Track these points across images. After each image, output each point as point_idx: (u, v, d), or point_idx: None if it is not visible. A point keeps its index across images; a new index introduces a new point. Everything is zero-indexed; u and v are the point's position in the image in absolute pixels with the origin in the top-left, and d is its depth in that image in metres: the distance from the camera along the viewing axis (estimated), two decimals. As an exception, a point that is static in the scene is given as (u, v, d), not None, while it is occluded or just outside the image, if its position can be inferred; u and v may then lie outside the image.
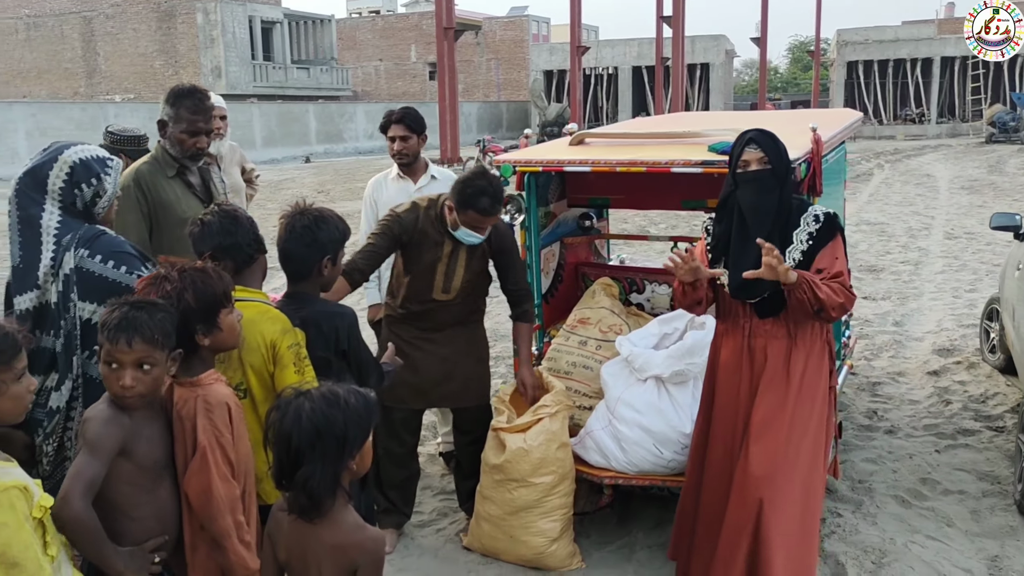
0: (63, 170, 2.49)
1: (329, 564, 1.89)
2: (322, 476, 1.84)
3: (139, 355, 2.03)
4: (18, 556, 1.77)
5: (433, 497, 4.21)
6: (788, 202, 2.99)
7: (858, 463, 4.45)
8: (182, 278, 2.23)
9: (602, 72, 44.38)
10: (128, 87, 42.36)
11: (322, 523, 1.90)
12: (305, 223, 2.62)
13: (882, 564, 3.50)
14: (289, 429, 1.85)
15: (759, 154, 2.93)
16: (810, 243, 2.96)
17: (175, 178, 3.42)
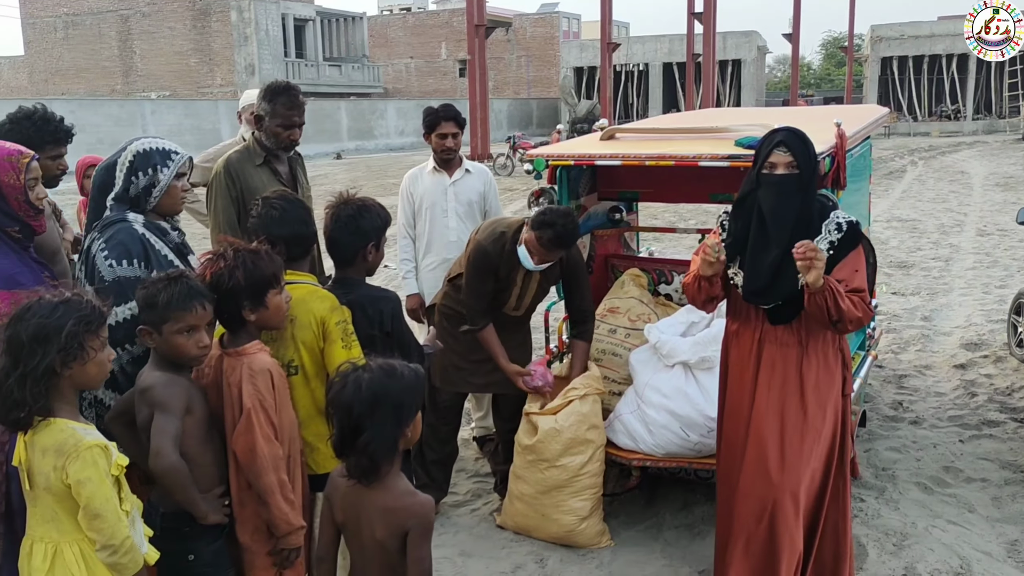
0: (127, 157, 2.62)
1: (382, 526, 2.04)
2: (381, 441, 2.00)
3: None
4: (100, 508, 1.96)
5: (468, 479, 4.37)
6: (811, 207, 2.87)
7: (882, 451, 4.55)
8: (235, 258, 2.42)
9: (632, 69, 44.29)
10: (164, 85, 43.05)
11: (376, 487, 2.05)
12: (350, 212, 2.79)
13: (903, 546, 3.60)
14: (350, 399, 2.00)
15: (788, 158, 2.81)
16: (831, 252, 2.82)
17: (263, 166, 3.68)
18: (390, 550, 2.04)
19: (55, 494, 1.99)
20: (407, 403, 2.04)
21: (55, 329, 1.96)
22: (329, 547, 2.20)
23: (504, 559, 3.60)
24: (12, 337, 1.98)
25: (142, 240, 2.57)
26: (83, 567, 2.00)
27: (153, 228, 2.63)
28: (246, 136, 4.98)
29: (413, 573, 2.03)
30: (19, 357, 1.97)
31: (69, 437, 1.98)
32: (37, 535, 2.04)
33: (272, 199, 2.77)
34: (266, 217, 2.72)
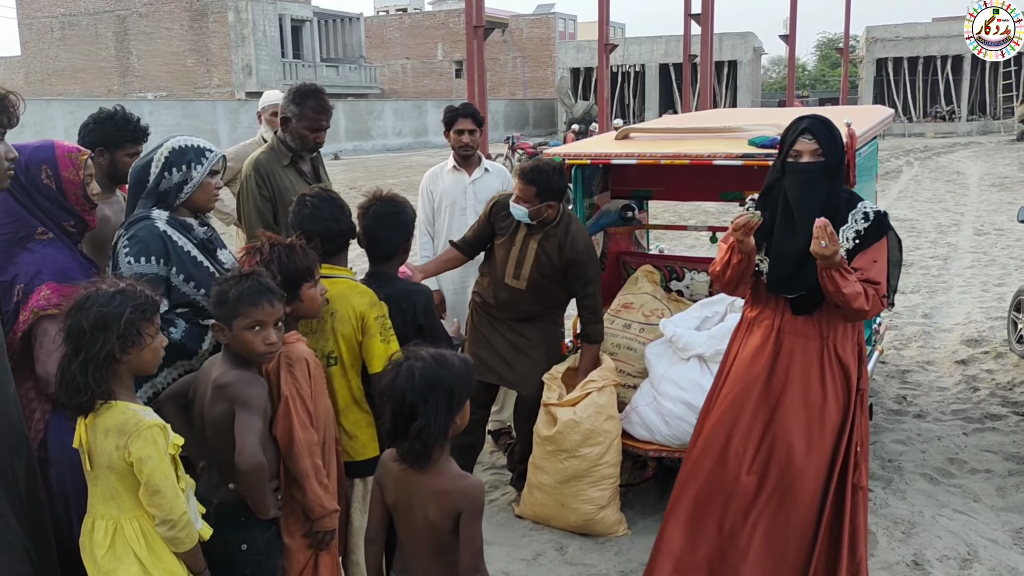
0: (163, 154, 2.67)
1: (435, 508, 2.13)
2: (435, 427, 2.08)
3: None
4: (160, 484, 2.08)
5: (484, 471, 4.47)
6: (837, 196, 2.86)
7: (888, 444, 4.66)
8: (271, 252, 2.52)
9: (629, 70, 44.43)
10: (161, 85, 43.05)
11: (428, 471, 2.14)
12: (392, 209, 2.90)
13: (911, 534, 3.71)
14: (404, 386, 2.09)
15: (813, 145, 2.80)
16: (856, 242, 2.82)
17: (289, 167, 3.76)
18: (442, 531, 2.13)
19: (117, 472, 2.10)
20: (457, 390, 2.13)
21: (114, 317, 2.06)
22: (379, 529, 2.29)
23: (525, 547, 3.70)
24: (73, 326, 2.08)
25: (163, 237, 2.61)
26: (143, 542, 2.11)
27: (177, 225, 2.68)
28: (266, 136, 5.09)
29: (465, 552, 2.12)
30: (80, 344, 2.06)
31: (131, 418, 2.09)
32: (99, 513, 2.14)
33: (307, 196, 2.87)
34: (300, 214, 2.82)
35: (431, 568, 2.19)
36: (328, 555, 2.61)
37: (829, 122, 2.86)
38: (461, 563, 2.14)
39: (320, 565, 2.57)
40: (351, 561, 2.79)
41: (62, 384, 2.10)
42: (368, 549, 2.34)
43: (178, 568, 2.16)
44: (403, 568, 2.27)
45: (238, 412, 2.28)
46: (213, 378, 2.34)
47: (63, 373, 2.09)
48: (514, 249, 3.81)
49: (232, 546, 2.36)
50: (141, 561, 2.10)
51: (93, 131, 3.13)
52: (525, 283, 3.81)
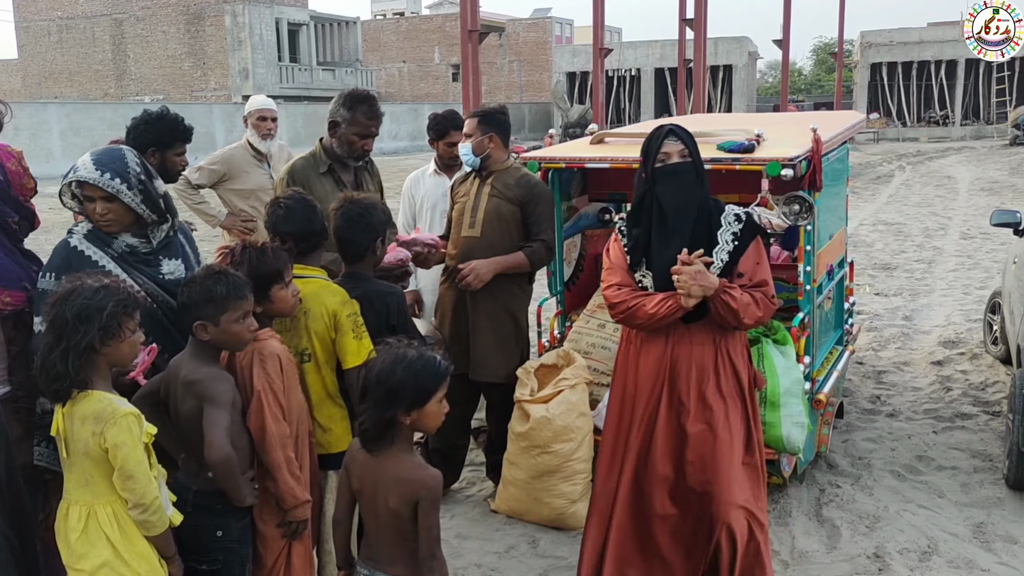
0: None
1: (395, 495, 2.25)
2: (376, 416, 2.23)
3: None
4: (133, 470, 2.18)
5: (464, 468, 4.56)
6: (708, 199, 2.91)
7: (859, 442, 4.76)
8: (242, 254, 2.62)
9: (624, 74, 44.61)
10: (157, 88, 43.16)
11: (388, 459, 2.26)
12: (359, 211, 2.99)
13: (875, 528, 3.82)
14: (366, 375, 2.25)
15: (679, 146, 2.86)
16: (735, 243, 2.87)
17: (326, 174, 3.67)
18: (403, 518, 2.25)
19: (92, 458, 2.20)
20: (403, 391, 2.23)
21: (97, 310, 2.17)
22: (345, 511, 2.41)
23: (498, 540, 3.80)
24: (57, 316, 2.18)
25: (71, 254, 2.61)
26: (115, 526, 2.21)
27: (95, 238, 2.65)
28: (252, 140, 5.21)
29: (423, 540, 2.24)
30: (63, 334, 2.16)
31: (107, 406, 2.19)
32: (73, 499, 2.24)
33: (280, 198, 2.97)
34: (274, 215, 2.92)
35: (394, 553, 2.30)
36: (301, 543, 2.71)
37: (687, 130, 2.95)
38: (420, 550, 2.25)
39: (293, 553, 2.67)
40: (324, 550, 2.88)
41: (42, 370, 2.20)
42: (336, 530, 2.45)
43: (149, 552, 2.25)
44: (369, 554, 2.37)
45: (206, 408, 2.38)
46: (182, 376, 2.44)
47: (43, 360, 2.19)
48: (468, 201, 3.93)
49: (207, 532, 2.46)
50: (113, 544, 2.20)
51: (144, 132, 3.31)
52: (479, 229, 3.87)
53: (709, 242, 2.88)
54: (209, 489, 2.46)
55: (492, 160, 3.94)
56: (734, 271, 2.88)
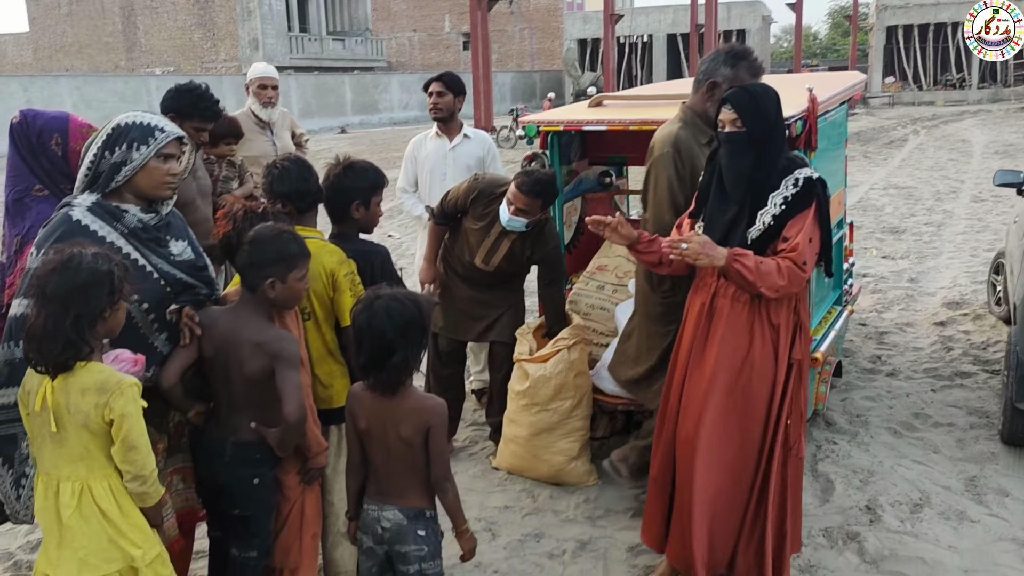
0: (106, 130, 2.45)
1: (407, 425, 2.37)
2: (411, 360, 2.36)
3: None
4: (136, 440, 2.18)
5: (467, 428, 4.67)
6: (768, 164, 2.86)
7: (857, 400, 4.82)
8: (243, 219, 2.68)
9: (636, 40, 44.17)
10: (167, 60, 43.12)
11: (399, 395, 2.39)
12: (336, 172, 3.07)
13: (868, 482, 3.89)
14: (382, 325, 2.32)
15: (732, 115, 2.86)
16: (783, 207, 2.83)
17: (706, 146, 3.31)
18: (414, 447, 2.38)
19: (92, 431, 2.16)
20: (427, 328, 2.39)
21: (105, 275, 2.13)
22: (357, 454, 2.51)
23: (499, 495, 3.90)
24: (62, 284, 2.10)
25: (78, 230, 2.36)
26: (112, 500, 2.19)
27: (102, 212, 2.41)
28: (254, 108, 5.26)
29: (436, 463, 2.39)
30: (70, 303, 2.10)
31: (110, 376, 2.17)
32: (63, 475, 2.18)
33: (276, 161, 3.03)
34: (269, 176, 2.98)
35: (404, 485, 2.43)
36: (313, 493, 2.83)
37: (754, 93, 2.90)
38: (433, 474, 2.40)
39: (307, 503, 2.79)
40: (327, 501, 2.98)
41: (45, 342, 2.11)
42: (350, 476, 2.56)
43: (144, 523, 2.25)
44: (377, 491, 2.48)
45: (281, 368, 2.45)
46: (248, 336, 2.47)
47: (48, 331, 2.10)
48: (487, 240, 3.98)
49: (245, 481, 2.55)
50: (109, 518, 2.18)
51: (171, 98, 3.48)
52: (493, 269, 4.03)
53: (757, 204, 2.87)
54: (247, 440, 2.53)
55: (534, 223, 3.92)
56: (779, 235, 2.84)
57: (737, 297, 2.90)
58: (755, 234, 2.87)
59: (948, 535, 3.45)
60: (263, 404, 2.51)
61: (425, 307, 2.39)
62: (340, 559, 2.97)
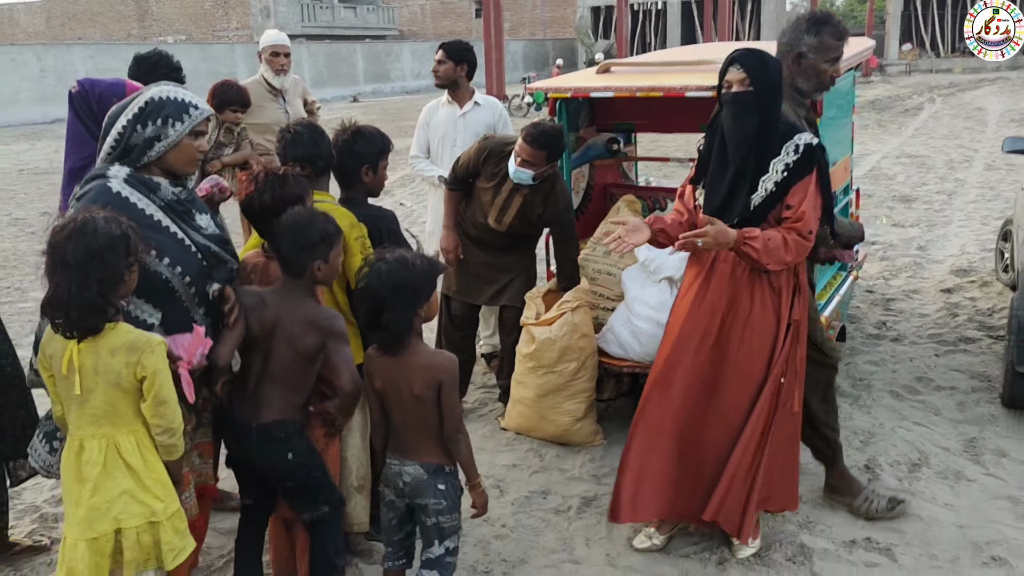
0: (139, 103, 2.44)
1: (419, 382, 2.46)
2: (401, 318, 2.42)
3: None
4: (167, 396, 2.27)
5: (476, 390, 4.77)
6: (772, 128, 2.87)
7: (861, 364, 4.89)
8: (265, 181, 2.76)
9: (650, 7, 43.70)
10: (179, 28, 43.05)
11: (406, 354, 2.47)
12: (345, 138, 3.13)
13: (868, 443, 3.97)
14: (374, 285, 2.40)
15: (741, 75, 2.85)
16: (785, 174, 2.85)
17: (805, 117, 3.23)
18: (427, 403, 2.47)
19: (123, 388, 2.24)
20: (420, 288, 2.45)
21: (120, 238, 2.18)
22: (379, 412, 2.61)
23: (507, 454, 4.01)
24: (79, 250, 2.14)
25: (118, 201, 2.37)
26: (138, 453, 2.28)
27: (138, 183, 2.43)
28: (267, 76, 5.33)
29: (448, 418, 2.48)
30: (90, 267, 2.14)
31: (139, 336, 2.25)
32: (87, 434, 2.26)
33: (289, 126, 3.12)
34: (283, 141, 3.06)
35: (419, 441, 2.52)
36: (334, 446, 2.94)
37: (763, 55, 2.90)
38: (445, 428, 2.49)
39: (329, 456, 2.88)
40: (341, 457, 3.08)
41: (71, 307, 2.15)
42: (375, 433, 2.67)
43: (166, 478, 2.34)
44: (396, 447, 2.59)
45: (334, 344, 2.55)
46: (303, 315, 2.56)
47: (73, 297, 2.15)
48: (499, 198, 4.06)
49: (279, 458, 2.60)
50: (135, 471, 2.26)
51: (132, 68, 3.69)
52: (505, 228, 4.10)
53: (760, 170, 2.89)
54: (269, 420, 2.56)
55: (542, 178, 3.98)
56: (782, 201, 2.88)
57: (738, 262, 2.96)
58: (757, 201, 2.90)
59: (945, 493, 3.53)
60: (298, 382, 2.60)
61: (422, 269, 2.45)
62: (353, 511, 3.08)
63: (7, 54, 25.82)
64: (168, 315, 2.42)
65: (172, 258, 2.40)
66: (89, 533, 2.25)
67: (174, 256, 2.41)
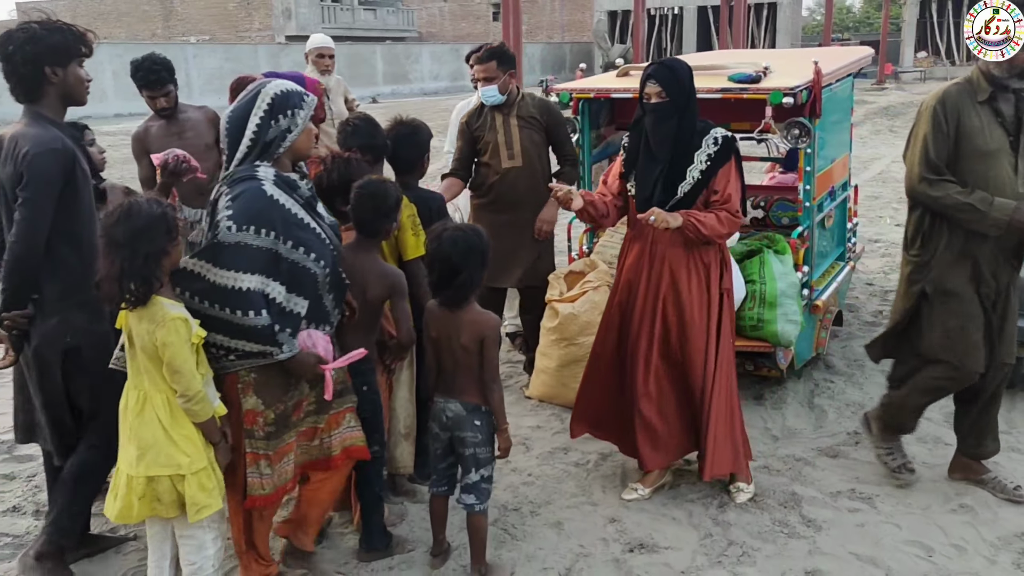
0: (264, 101, 2.65)
1: (467, 335, 2.91)
2: (474, 278, 2.91)
3: None
4: (179, 366, 2.51)
5: (503, 365, 5.19)
6: (690, 127, 3.34)
7: (856, 348, 5.30)
8: (332, 163, 3.23)
9: (667, 12, 44.10)
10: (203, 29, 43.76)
11: (462, 309, 2.94)
12: (409, 130, 3.61)
13: (859, 413, 4.37)
14: (449, 250, 2.86)
15: (657, 88, 3.31)
16: (708, 164, 3.33)
17: (984, 104, 3.27)
18: (471, 353, 2.93)
19: (148, 353, 2.54)
20: (487, 253, 2.94)
21: (160, 217, 2.49)
22: (432, 359, 3.07)
23: (532, 418, 4.46)
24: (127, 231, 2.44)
25: (272, 204, 2.58)
26: (167, 410, 2.57)
27: (283, 184, 2.65)
28: (312, 75, 5.79)
29: (487, 368, 2.94)
30: (137, 245, 2.44)
31: (159, 309, 2.52)
32: (133, 384, 2.62)
33: (349, 119, 3.61)
34: (344, 132, 3.54)
35: (464, 383, 2.98)
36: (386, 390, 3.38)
37: (673, 66, 3.38)
38: (484, 375, 2.95)
39: None
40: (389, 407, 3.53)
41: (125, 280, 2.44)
42: (429, 375, 3.12)
43: (195, 435, 2.60)
44: (443, 388, 3.05)
45: (396, 299, 3.08)
46: (379, 271, 3.08)
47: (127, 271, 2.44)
48: (499, 135, 4.51)
49: (358, 388, 3.04)
50: (164, 426, 2.56)
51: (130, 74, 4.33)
52: (520, 159, 4.52)
53: (686, 162, 3.36)
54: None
55: (511, 94, 4.53)
56: (708, 187, 3.36)
57: (673, 242, 3.41)
58: (687, 188, 3.37)
59: (923, 454, 3.95)
60: (368, 325, 3.10)
61: (484, 236, 2.95)
62: (400, 456, 3.53)
63: (38, 52, 26.45)
64: (312, 304, 2.72)
65: (316, 253, 2.68)
66: (128, 470, 2.59)
67: (318, 251, 2.68)
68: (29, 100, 2.88)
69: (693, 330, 3.46)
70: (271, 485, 2.76)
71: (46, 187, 2.75)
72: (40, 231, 2.76)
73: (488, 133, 4.55)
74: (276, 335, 2.61)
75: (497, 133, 4.52)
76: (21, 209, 2.74)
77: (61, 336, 2.88)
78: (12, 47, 2.82)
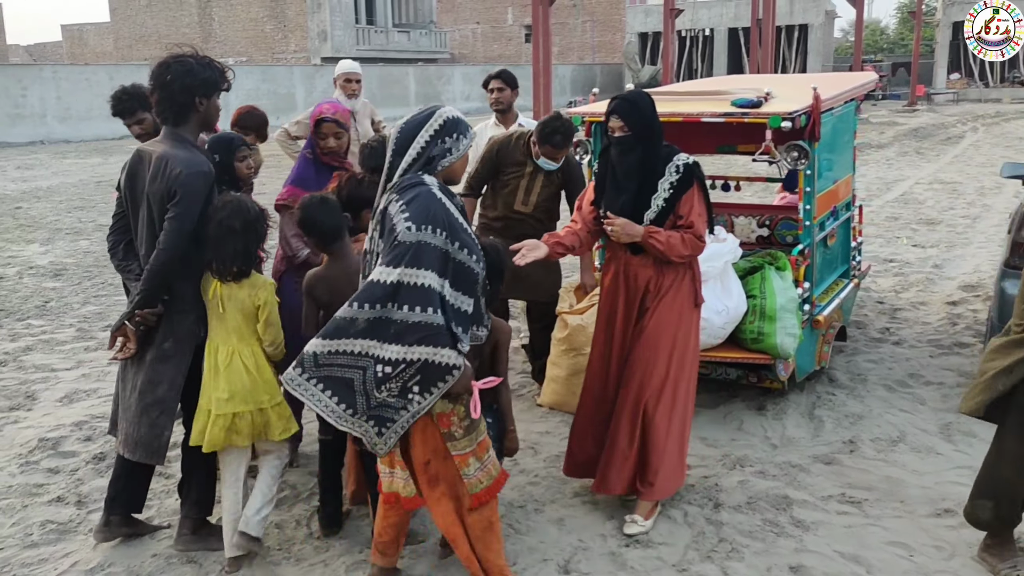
0: (437, 122, 2.82)
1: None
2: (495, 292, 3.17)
3: None
4: (274, 319, 3.30)
5: (516, 375, 5.45)
6: (653, 156, 3.49)
7: (861, 362, 5.47)
8: (346, 182, 3.53)
9: (697, 34, 44.36)
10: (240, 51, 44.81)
11: None
12: None
13: (856, 423, 4.56)
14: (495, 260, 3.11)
15: (619, 123, 3.47)
16: (671, 191, 3.47)
17: None
18: (484, 354, 3.19)
19: (244, 313, 3.24)
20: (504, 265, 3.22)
21: (262, 212, 3.28)
22: None
23: (541, 424, 4.68)
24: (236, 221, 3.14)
25: (442, 206, 2.74)
26: (254, 360, 3.26)
27: (445, 191, 2.83)
28: (340, 99, 6.12)
29: (499, 367, 3.22)
30: (247, 231, 3.16)
31: (257, 278, 3.31)
32: (221, 340, 3.24)
33: (368, 141, 3.90)
34: (363, 155, 3.83)
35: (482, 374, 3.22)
36: None
37: (635, 100, 3.52)
38: (497, 371, 3.21)
39: None
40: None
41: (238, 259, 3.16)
42: None
43: (272, 379, 3.28)
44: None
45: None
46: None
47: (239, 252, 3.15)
48: (523, 182, 4.77)
49: None
50: (251, 373, 3.23)
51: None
52: (532, 207, 4.79)
53: (651, 190, 3.51)
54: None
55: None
56: (673, 212, 3.50)
57: (645, 265, 3.58)
58: (652, 216, 3.52)
59: (915, 463, 4.11)
60: None
61: (503, 251, 3.26)
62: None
63: (82, 74, 27.42)
64: (474, 304, 2.85)
65: (477, 255, 2.83)
66: (215, 410, 3.19)
67: (477, 253, 2.84)
68: (175, 124, 3.26)
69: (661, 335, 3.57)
70: (488, 477, 2.97)
71: (194, 204, 3.15)
72: (184, 241, 3.16)
73: (513, 170, 4.78)
74: (453, 331, 2.73)
75: (522, 180, 4.77)
76: (172, 221, 3.13)
77: (197, 332, 3.31)
78: (171, 77, 3.19)
